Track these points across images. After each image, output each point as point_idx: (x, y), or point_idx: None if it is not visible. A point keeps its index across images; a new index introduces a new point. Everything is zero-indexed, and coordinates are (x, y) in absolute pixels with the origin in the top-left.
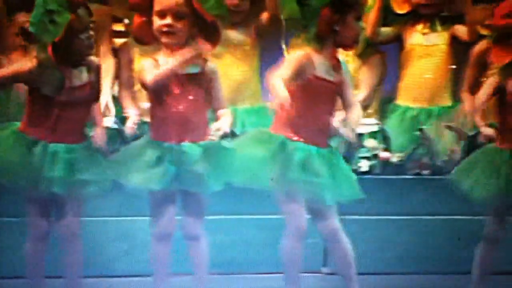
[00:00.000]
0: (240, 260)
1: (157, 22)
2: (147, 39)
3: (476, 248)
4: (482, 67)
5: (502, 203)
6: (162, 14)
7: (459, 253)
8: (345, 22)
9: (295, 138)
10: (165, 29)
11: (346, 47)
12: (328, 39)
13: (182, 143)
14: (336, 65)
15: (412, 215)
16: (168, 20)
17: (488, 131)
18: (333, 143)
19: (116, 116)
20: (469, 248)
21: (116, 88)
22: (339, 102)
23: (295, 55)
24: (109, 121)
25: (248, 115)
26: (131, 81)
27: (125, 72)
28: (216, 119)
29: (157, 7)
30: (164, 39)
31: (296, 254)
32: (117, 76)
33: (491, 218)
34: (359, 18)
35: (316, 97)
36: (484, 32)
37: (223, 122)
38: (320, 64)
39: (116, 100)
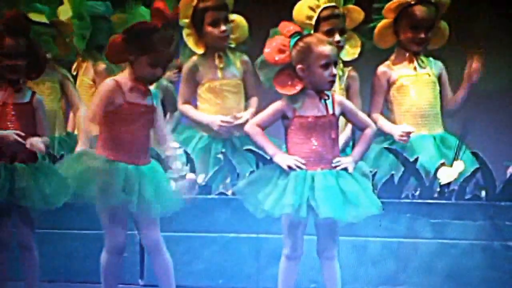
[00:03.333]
0: (65, 269)
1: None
2: None
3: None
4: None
5: (291, 221)
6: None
7: (263, 270)
8: (137, 59)
9: (115, 158)
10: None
11: (141, 82)
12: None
13: (14, 163)
14: (146, 91)
15: (218, 232)
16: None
17: None
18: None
19: None
20: (272, 265)
21: None
22: None
23: (101, 86)
24: None
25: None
26: None
27: None
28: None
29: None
30: (8, 76)
31: (113, 267)
32: None
33: (285, 236)
34: (154, 64)
35: (131, 120)
36: None
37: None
38: (130, 90)
39: None
